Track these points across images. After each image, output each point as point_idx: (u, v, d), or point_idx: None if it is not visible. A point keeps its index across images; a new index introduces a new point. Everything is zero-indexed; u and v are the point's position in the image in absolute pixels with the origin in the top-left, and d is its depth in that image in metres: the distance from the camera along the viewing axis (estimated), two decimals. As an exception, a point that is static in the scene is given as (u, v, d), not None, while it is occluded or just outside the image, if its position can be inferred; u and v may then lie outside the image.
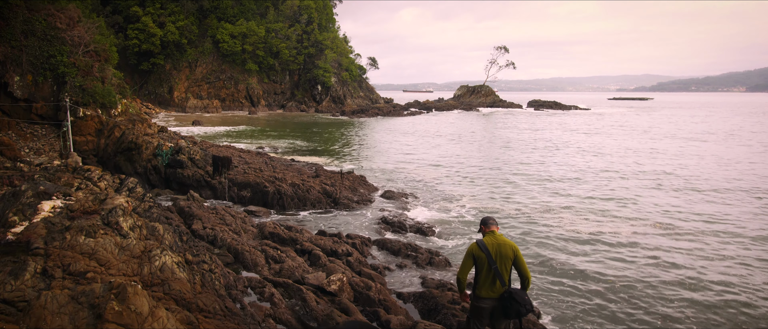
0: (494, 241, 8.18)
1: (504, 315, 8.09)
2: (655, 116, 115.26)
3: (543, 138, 61.07)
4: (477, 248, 8.18)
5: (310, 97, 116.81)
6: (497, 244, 8.15)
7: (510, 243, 8.21)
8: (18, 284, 8.57)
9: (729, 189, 30.03)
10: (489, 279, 8.11)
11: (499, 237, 8.27)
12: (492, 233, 8.31)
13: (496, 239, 8.21)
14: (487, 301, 8.20)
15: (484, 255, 8.08)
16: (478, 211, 24.58)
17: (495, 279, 8.07)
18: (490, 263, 8.03)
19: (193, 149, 28.99)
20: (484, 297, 8.20)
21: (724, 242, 19.97)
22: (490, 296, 8.15)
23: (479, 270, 8.19)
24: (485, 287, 8.16)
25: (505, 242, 8.20)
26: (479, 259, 8.15)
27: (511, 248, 8.15)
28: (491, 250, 8.09)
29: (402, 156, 44.51)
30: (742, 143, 56.46)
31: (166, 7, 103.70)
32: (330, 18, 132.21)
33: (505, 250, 8.10)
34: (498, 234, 8.30)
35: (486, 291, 8.15)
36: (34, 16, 29.28)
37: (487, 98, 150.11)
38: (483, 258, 8.09)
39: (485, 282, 8.14)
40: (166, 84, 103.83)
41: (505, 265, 8.11)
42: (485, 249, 8.08)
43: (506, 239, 8.28)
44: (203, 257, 12.27)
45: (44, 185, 13.90)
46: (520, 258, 8.19)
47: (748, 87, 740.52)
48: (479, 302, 8.25)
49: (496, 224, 8.49)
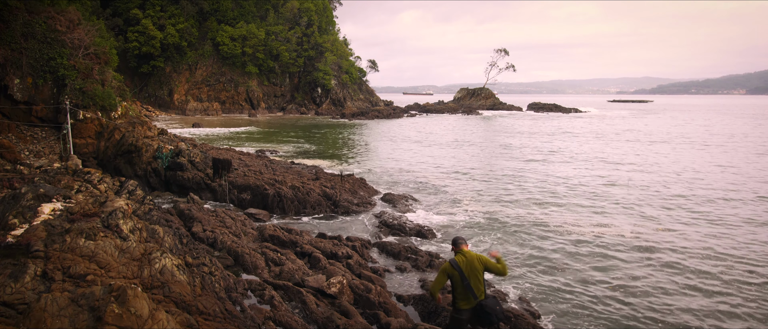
0: (464, 259, 9.01)
1: (478, 322, 8.92)
2: (656, 118, 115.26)
3: (544, 141, 61.09)
4: (450, 267, 9.01)
5: (310, 99, 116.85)
6: (467, 261, 8.97)
7: (476, 256, 9.07)
8: (18, 286, 8.57)
9: (738, 195, 30.03)
10: (463, 293, 8.90)
11: (469, 254, 9.09)
12: (461, 251, 9.17)
13: (465, 256, 9.05)
14: (465, 313, 8.98)
15: (457, 272, 8.91)
16: (479, 214, 24.58)
17: (468, 293, 8.86)
18: (462, 279, 8.84)
19: (193, 152, 29.00)
20: (462, 309, 9.00)
21: (728, 247, 19.97)
22: (465, 307, 8.97)
23: (455, 286, 9.02)
24: (462, 300, 8.96)
25: (473, 257, 9.05)
26: (453, 276, 8.98)
27: (478, 260, 8.98)
28: (463, 268, 8.92)
29: (402, 159, 44.51)
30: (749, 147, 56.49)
31: (166, 9, 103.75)
32: (330, 20, 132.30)
33: (475, 265, 8.93)
34: (467, 251, 9.16)
35: (463, 303, 8.96)
36: (34, 19, 29.30)
37: (487, 100, 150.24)
38: (456, 275, 8.91)
39: (461, 296, 8.96)
40: (166, 87, 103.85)
41: (478, 278, 8.91)
42: (457, 268, 8.92)
43: (474, 254, 9.12)
44: (203, 259, 12.27)
45: (44, 187, 13.90)
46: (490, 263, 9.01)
47: (748, 89, 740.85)
48: (459, 314, 9.05)
49: (465, 243, 9.40)
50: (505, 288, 15.51)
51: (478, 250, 19.10)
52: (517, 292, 15.25)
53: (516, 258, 18.30)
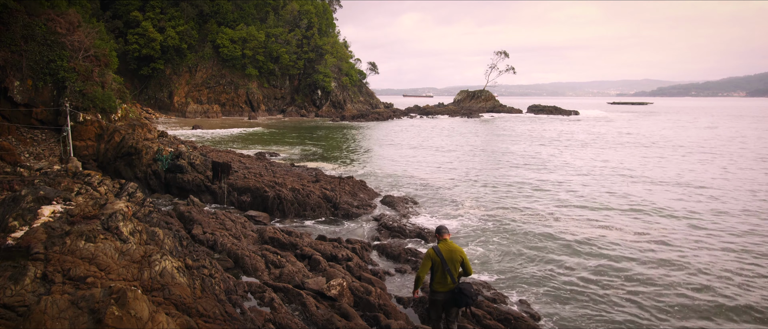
0: (446, 247, 10.03)
1: (455, 304, 9.91)
2: (657, 120, 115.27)
3: (544, 143, 61.10)
4: (434, 253, 9.95)
5: (310, 102, 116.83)
6: (449, 250, 10.00)
7: (458, 249, 10.07)
8: (18, 289, 8.57)
9: (745, 200, 30.04)
10: (442, 277, 9.90)
11: (450, 244, 10.10)
12: (445, 240, 10.16)
13: (448, 245, 10.07)
14: (441, 294, 9.99)
15: (439, 259, 9.87)
16: (479, 216, 24.58)
17: (446, 277, 9.86)
18: (443, 264, 9.84)
19: (193, 154, 29.00)
20: (438, 291, 9.99)
21: (731, 249, 19.97)
22: (442, 290, 9.95)
23: (435, 270, 9.97)
24: (439, 284, 9.94)
25: (455, 248, 10.06)
26: (435, 262, 9.93)
27: (459, 253, 10.00)
28: (444, 255, 9.91)
29: (402, 161, 44.50)
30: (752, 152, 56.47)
31: (166, 11, 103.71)
32: (330, 23, 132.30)
33: (455, 255, 9.95)
34: (449, 241, 10.15)
35: (440, 286, 9.95)
36: (34, 21, 29.32)
37: (487, 102, 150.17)
38: (438, 261, 9.88)
39: (439, 279, 9.93)
40: (166, 89, 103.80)
41: (455, 266, 9.92)
42: (440, 254, 9.90)
43: (455, 246, 10.12)
44: (203, 262, 12.27)
45: (44, 190, 13.90)
46: (466, 260, 10.07)
47: (748, 92, 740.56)
48: (435, 295, 10.05)
49: (448, 232, 10.36)
50: (506, 291, 15.52)
51: (479, 252, 19.12)
52: (518, 295, 15.25)
53: (516, 261, 18.30)
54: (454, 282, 9.90)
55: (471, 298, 9.71)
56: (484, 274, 17.00)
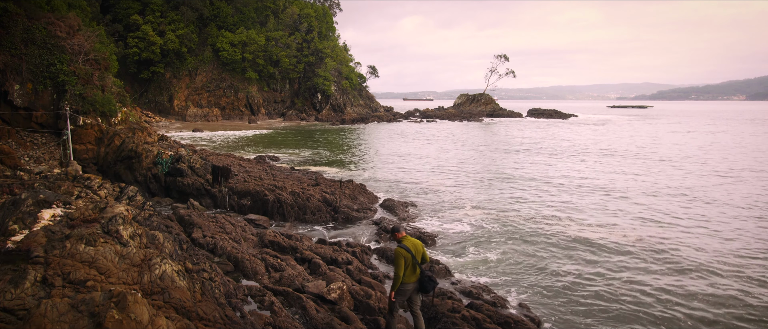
0: (411, 243, 10.91)
1: (424, 291, 10.86)
2: (659, 124, 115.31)
3: (545, 147, 61.12)
4: (404, 251, 10.70)
5: (310, 105, 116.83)
6: (413, 244, 10.91)
7: (418, 242, 11.07)
8: (18, 292, 8.56)
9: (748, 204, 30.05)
10: (412, 269, 10.75)
11: (411, 239, 11.02)
12: (405, 237, 11.07)
13: (410, 240, 10.98)
14: (410, 285, 10.84)
15: (409, 254, 10.71)
16: (479, 220, 24.57)
17: (415, 268, 10.78)
18: (413, 258, 10.71)
19: (193, 158, 29.01)
20: (408, 283, 10.80)
21: (733, 252, 19.97)
22: (412, 281, 10.81)
23: (406, 265, 10.73)
24: (410, 275, 10.78)
25: (416, 242, 11.02)
26: (407, 258, 10.70)
27: (421, 245, 11.03)
28: (411, 249, 10.77)
29: (402, 165, 44.50)
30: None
31: (166, 15, 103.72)
32: (330, 26, 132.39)
33: (418, 248, 10.95)
34: (408, 237, 11.08)
35: (409, 278, 10.77)
36: (34, 25, 29.34)
37: (487, 106, 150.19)
38: (409, 257, 10.71)
39: (410, 272, 10.75)
40: (166, 92, 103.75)
41: (418, 256, 10.90)
42: (408, 250, 10.72)
43: (415, 240, 11.06)
44: (203, 265, 12.26)
45: (44, 193, 13.89)
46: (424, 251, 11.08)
47: (748, 95, 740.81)
48: (405, 287, 10.83)
49: (404, 230, 11.39)
50: (505, 294, 15.51)
51: (478, 256, 19.13)
52: (518, 298, 15.24)
53: (516, 264, 18.29)
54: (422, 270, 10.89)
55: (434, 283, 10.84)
56: (484, 277, 16.99)
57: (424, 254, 11.06)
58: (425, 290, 10.83)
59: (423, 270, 10.89)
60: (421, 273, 10.87)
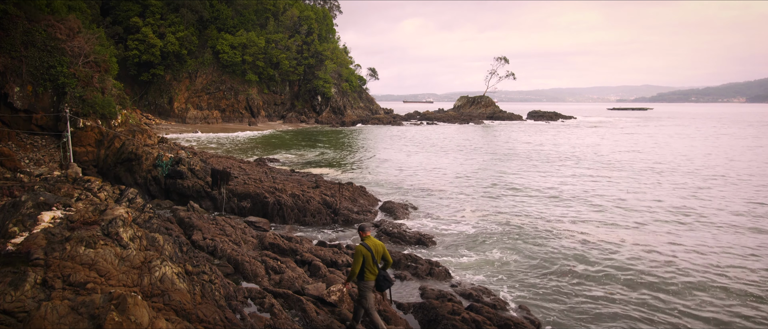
0: (372, 243, 11.53)
1: (378, 288, 11.48)
2: (661, 127, 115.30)
3: (545, 150, 61.14)
4: (364, 249, 11.35)
5: (310, 107, 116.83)
6: (374, 244, 11.53)
7: (380, 243, 11.67)
8: (18, 294, 8.55)
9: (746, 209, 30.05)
10: (372, 267, 11.35)
11: (373, 240, 11.65)
12: (368, 237, 11.70)
13: (372, 241, 11.60)
14: (371, 282, 11.41)
15: (369, 253, 11.33)
16: (478, 222, 24.57)
17: (375, 267, 11.39)
18: (372, 257, 11.33)
19: (193, 160, 29.00)
20: (369, 280, 11.39)
21: (734, 255, 19.97)
22: (371, 278, 11.41)
23: (366, 263, 11.35)
24: (370, 273, 11.38)
25: (377, 243, 11.64)
26: (366, 256, 11.32)
27: (381, 246, 11.61)
28: (372, 249, 11.38)
29: (402, 167, 44.50)
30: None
31: (166, 17, 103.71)
32: (330, 29, 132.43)
33: (378, 248, 11.54)
34: (371, 237, 11.72)
35: (370, 275, 11.39)
36: (34, 27, 29.35)
37: (487, 108, 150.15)
38: (369, 255, 11.33)
39: (370, 270, 11.36)
40: (166, 95, 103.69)
41: (378, 257, 11.50)
42: (369, 249, 11.36)
43: (377, 241, 11.68)
44: (203, 268, 12.26)
45: (44, 195, 13.90)
46: (386, 252, 11.70)
47: (748, 97, 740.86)
48: (368, 283, 11.41)
49: (370, 229, 12.10)
50: (505, 296, 15.51)
51: (478, 258, 19.13)
52: (518, 300, 15.23)
53: (516, 267, 18.29)
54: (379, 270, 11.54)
55: (391, 283, 11.54)
56: (484, 279, 16.98)
57: (385, 254, 11.70)
58: (380, 288, 11.50)
59: (380, 269, 11.58)
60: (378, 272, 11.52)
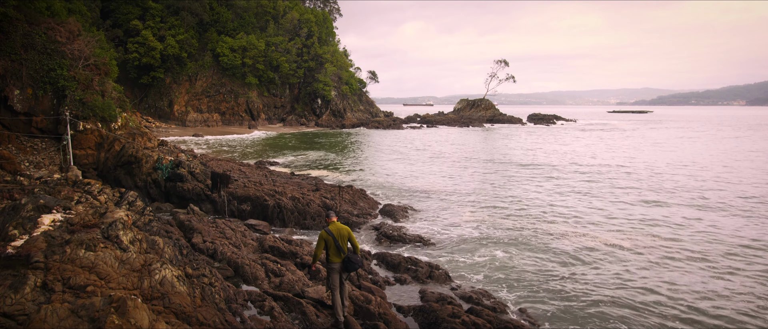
0: (335, 227, 12.15)
1: (345, 270, 12.11)
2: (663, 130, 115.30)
3: (544, 154, 61.17)
4: (326, 234, 12.06)
5: (310, 110, 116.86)
6: (337, 229, 12.14)
7: (345, 228, 12.27)
8: (18, 297, 8.55)
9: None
10: (336, 251, 12.03)
11: (338, 225, 12.24)
12: (333, 222, 12.27)
13: (336, 226, 12.19)
14: (336, 264, 12.06)
15: (331, 237, 12.00)
16: (478, 225, 24.57)
17: (338, 250, 12.02)
18: (335, 242, 11.99)
19: (193, 163, 29.00)
20: (334, 262, 12.06)
21: (734, 257, 19.96)
22: (337, 261, 12.06)
23: (329, 247, 12.10)
24: (334, 256, 12.05)
25: (341, 227, 12.23)
26: (328, 240, 12.07)
27: (346, 230, 12.22)
28: (334, 234, 12.03)
29: (402, 170, 44.51)
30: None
31: (166, 20, 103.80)
32: (330, 32, 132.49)
33: (343, 233, 12.15)
34: (337, 223, 12.28)
35: (335, 258, 12.05)
36: (34, 30, 29.38)
37: (487, 111, 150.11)
38: (331, 240, 12.01)
39: (334, 253, 12.06)
40: (166, 98, 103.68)
41: (344, 242, 12.12)
42: (331, 234, 12.01)
43: (342, 226, 12.28)
44: (203, 270, 12.25)
45: (44, 198, 13.90)
46: (353, 237, 12.31)
47: (748, 100, 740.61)
48: (332, 265, 12.08)
49: (335, 215, 12.65)
50: (505, 299, 15.49)
51: (478, 261, 19.12)
52: (518, 303, 15.22)
53: (515, 270, 18.28)
54: (343, 253, 12.08)
55: (357, 264, 12.04)
56: (484, 282, 16.98)
57: (350, 238, 12.30)
58: (346, 269, 12.09)
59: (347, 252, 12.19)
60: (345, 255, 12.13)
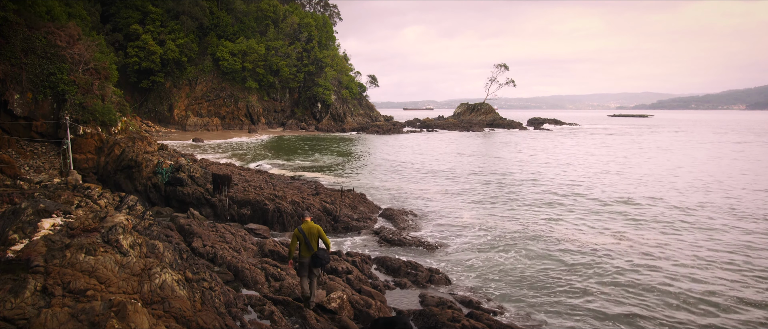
0: (307, 226, 13.14)
1: (313, 265, 13.05)
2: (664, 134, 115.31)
3: (544, 158, 61.20)
4: (298, 231, 13.08)
5: (310, 115, 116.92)
6: (309, 228, 13.12)
7: (316, 227, 13.23)
8: (18, 302, 8.54)
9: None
10: (306, 247, 13.05)
11: (310, 223, 13.21)
12: (306, 221, 13.26)
13: (308, 224, 13.19)
14: (306, 259, 13.10)
15: (302, 235, 13.02)
16: (478, 230, 24.57)
17: (308, 247, 13.03)
18: (305, 239, 13.01)
19: (193, 167, 29.00)
20: (304, 257, 13.10)
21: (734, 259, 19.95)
22: (306, 256, 13.08)
23: (300, 243, 13.14)
24: (304, 252, 13.08)
25: (313, 226, 13.19)
26: (299, 238, 13.07)
27: (317, 230, 13.19)
28: (305, 232, 13.03)
29: (402, 174, 44.52)
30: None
31: (166, 25, 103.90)
32: (330, 36, 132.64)
33: (313, 231, 13.11)
34: (309, 222, 13.27)
35: (305, 253, 13.07)
36: (34, 34, 29.39)
37: (487, 116, 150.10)
38: (302, 237, 13.04)
39: (304, 249, 13.08)
40: (166, 102, 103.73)
41: (314, 239, 13.10)
42: (302, 232, 13.03)
43: (314, 224, 13.23)
44: (203, 275, 12.24)
45: (44, 202, 13.90)
46: (323, 235, 13.26)
47: (748, 105, 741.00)
48: (302, 259, 13.14)
49: (309, 215, 14.49)
50: (505, 303, 15.48)
51: (478, 265, 19.11)
52: (517, 307, 15.22)
53: (515, 274, 18.27)
54: (312, 250, 13.04)
55: (324, 260, 13.08)
56: (484, 287, 16.97)
57: (322, 236, 13.23)
58: (315, 264, 13.03)
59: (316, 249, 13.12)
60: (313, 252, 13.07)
